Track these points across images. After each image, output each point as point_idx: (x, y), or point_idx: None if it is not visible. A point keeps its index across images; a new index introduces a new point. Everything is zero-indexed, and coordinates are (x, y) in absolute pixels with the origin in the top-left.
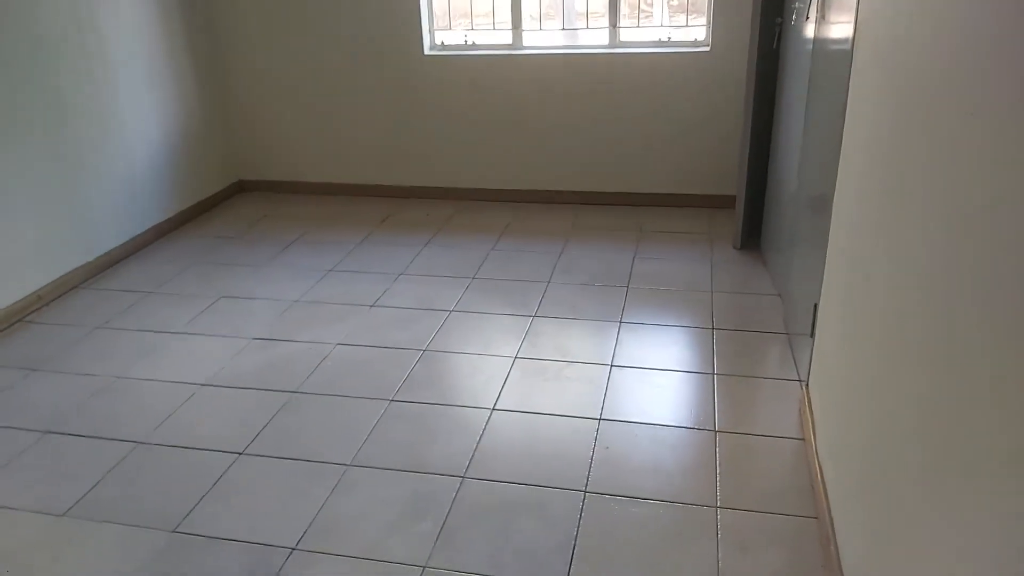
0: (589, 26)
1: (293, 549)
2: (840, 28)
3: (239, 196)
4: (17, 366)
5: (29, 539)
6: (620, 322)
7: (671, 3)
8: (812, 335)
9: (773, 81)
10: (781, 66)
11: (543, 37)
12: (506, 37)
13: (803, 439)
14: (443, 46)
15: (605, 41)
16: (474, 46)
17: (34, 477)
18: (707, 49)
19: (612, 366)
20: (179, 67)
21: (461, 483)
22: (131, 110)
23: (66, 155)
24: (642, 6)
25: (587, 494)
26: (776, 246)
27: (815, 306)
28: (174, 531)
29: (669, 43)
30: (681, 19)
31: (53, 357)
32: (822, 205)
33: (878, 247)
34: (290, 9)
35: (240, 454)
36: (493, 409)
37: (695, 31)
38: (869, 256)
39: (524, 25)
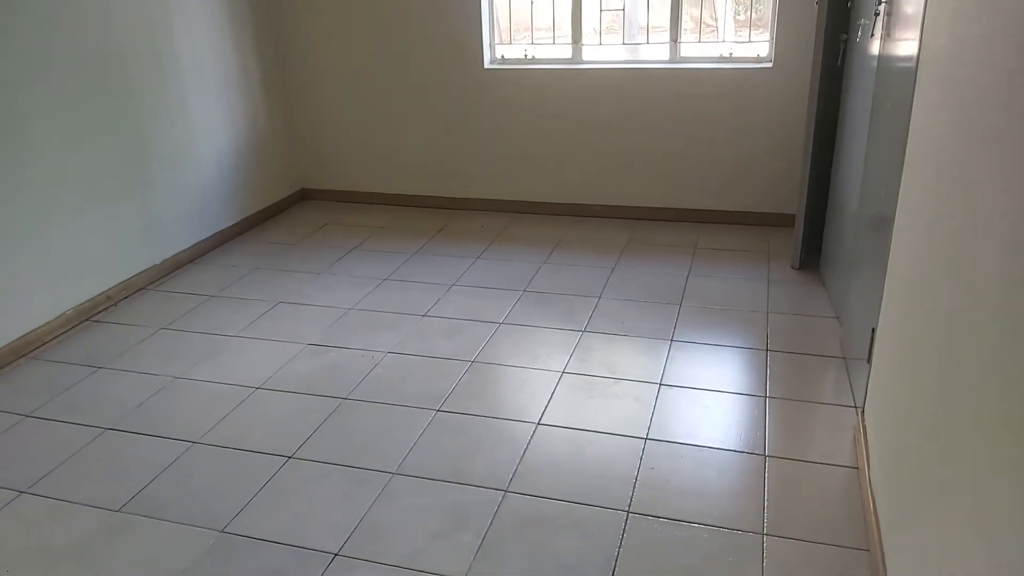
0: (651, 40)
1: (336, 555)
2: (905, 45)
3: (301, 204)
4: (84, 363)
5: (85, 533)
6: (671, 340)
7: (737, 17)
8: (869, 361)
9: (836, 99)
10: (845, 83)
11: (603, 52)
12: (566, 52)
13: (857, 468)
14: (503, 60)
15: (666, 56)
16: (534, 60)
17: (93, 472)
18: (769, 65)
19: (661, 385)
20: (248, 79)
21: (504, 496)
22: (202, 120)
23: (139, 162)
24: (706, 19)
25: (630, 514)
26: (835, 267)
27: (873, 331)
28: (223, 531)
29: (731, 59)
30: (744, 34)
31: (118, 356)
32: (883, 226)
33: (940, 271)
34: (354, 24)
35: (290, 457)
36: (538, 424)
37: (757, 47)
38: (930, 281)
39: (585, 39)
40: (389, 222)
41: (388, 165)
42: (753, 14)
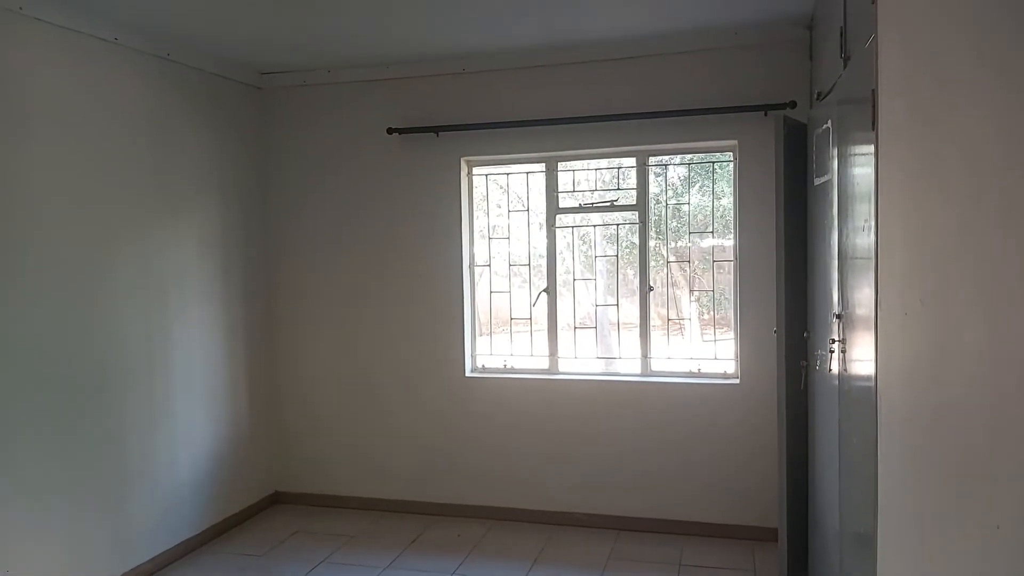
0: (622, 339)
1: None
2: (863, 370)
3: (274, 508)
4: None
5: None
6: None
7: (702, 317)
8: None
9: (804, 417)
10: (811, 403)
11: (579, 362)
12: (543, 363)
13: None
14: (483, 369)
15: (637, 370)
16: (513, 370)
17: None
18: (736, 382)
19: None
20: (235, 383)
21: None
22: (184, 424)
23: (114, 471)
24: (672, 317)
25: None
26: None
27: None
28: None
29: (700, 374)
30: (710, 333)
31: None
32: (866, 547)
33: None
34: (343, 328)
35: None
36: None
37: (724, 362)
38: None
39: (560, 341)
40: (362, 529)
41: (365, 468)
42: (715, 314)
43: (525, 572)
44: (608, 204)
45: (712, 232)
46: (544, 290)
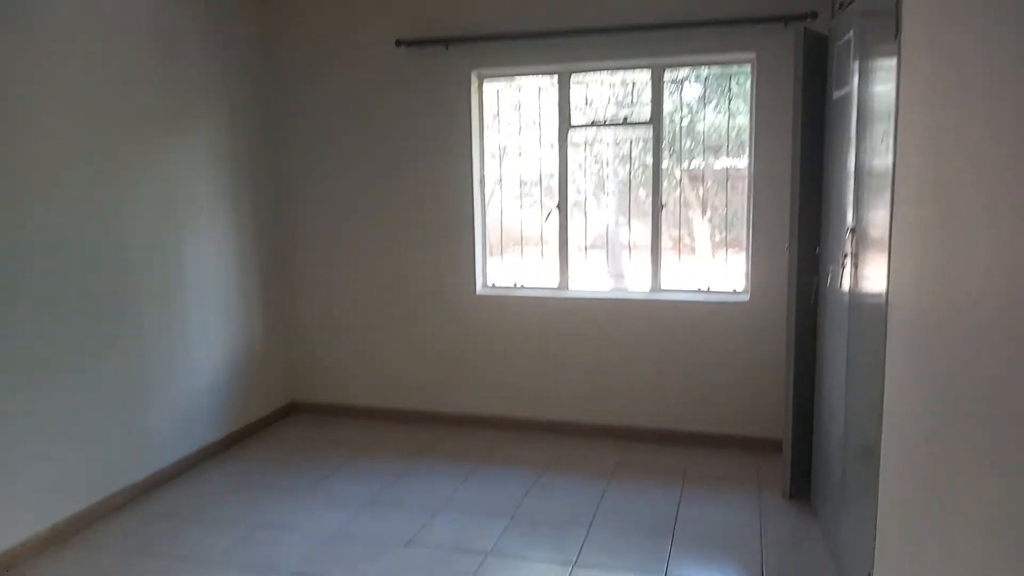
0: (633, 258)
1: None
2: (873, 287)
3: (290, 418)
4: None
5: None
6: (665, 575)
7: (714, 239)
8: None
9: (813, 332)
10: (820, 319)
11: (589, 280)
12: (553, 280)
13: None
14: (494, 287)
15: (647, 287)
16: (523, 288)
17: None
18: (746, 299)
19: None
20: (248, 297)
21: None
22: (200, 332)
23: (133, 377)
24: (684, 239)
25: None
26: (826, 499)
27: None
28: None
29: (709, 292)
30: (721, 254)
31: None
32: (869, 458)
33: (931, 514)
34: (357, 247)
35: None
36: None
37: (734, 280)
38: (922, 525)
39: (571, 258)
40: (376, 437)
41: (379, 379)
42: (727, 235)
43: (535, 478)
44: (622, 120)
45: (727, 152)
46: (556, 206)
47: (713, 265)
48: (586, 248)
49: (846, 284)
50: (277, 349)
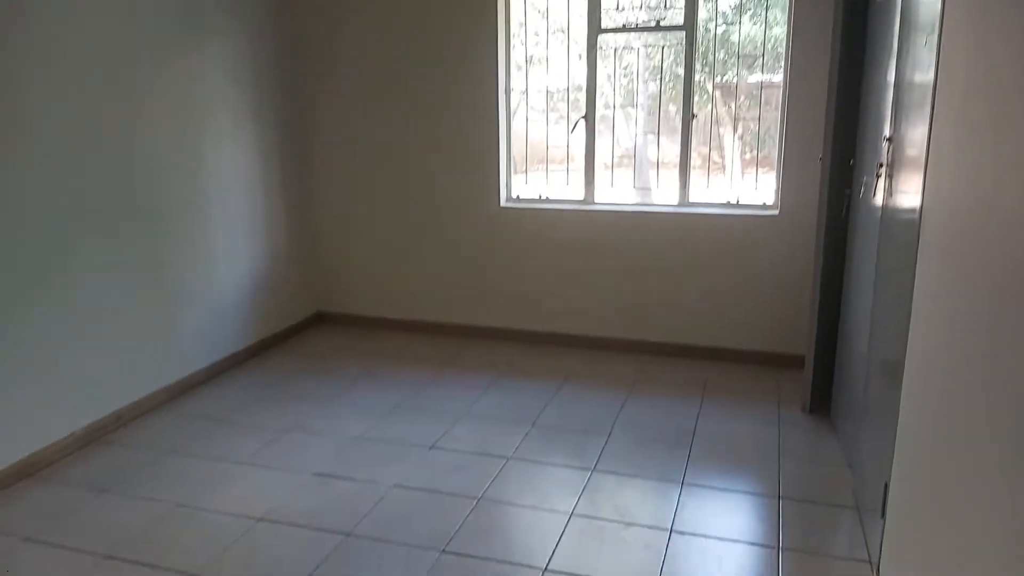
0: (660, 177)
1: None
2: (907, 200)
3: (317, 328)
4: (88, 486)
5: None
6: (682, 483)
7: (744, 157)
8: (883, 516)
9: (842, 246)
10: (850, 233)
11: (615, 194)
12: (579, 193)
13: None
14: (518, 199)
15: (675, 200)
16: (547, 200)
17: None
18: (776, 213)
19: (672, 532)
20: (272, 203)
21: None
22: (225, 245)
23: (161, 284)
24: (714, 158)
25: None
26: (846, 413)
27: (886, 485)
28: None
29: (738, 205)
30: (751, 173)
31: (123, 480)
32: (892, 374)
33: (953, 426)
34: (379, 158)
35: None
36: (545, 570)
37: (764, 194)
38: (943, 436)
39: (597, 175)
40: (401, 348)
41: (403, 291)
42: (759, 154)
43: (556, 388)
44: (654, 24)
45: (761, 67)
46: (583, 117)
47: (742, 184)
48: (612, 166)
49: (879, 197)
50: (302, 260)
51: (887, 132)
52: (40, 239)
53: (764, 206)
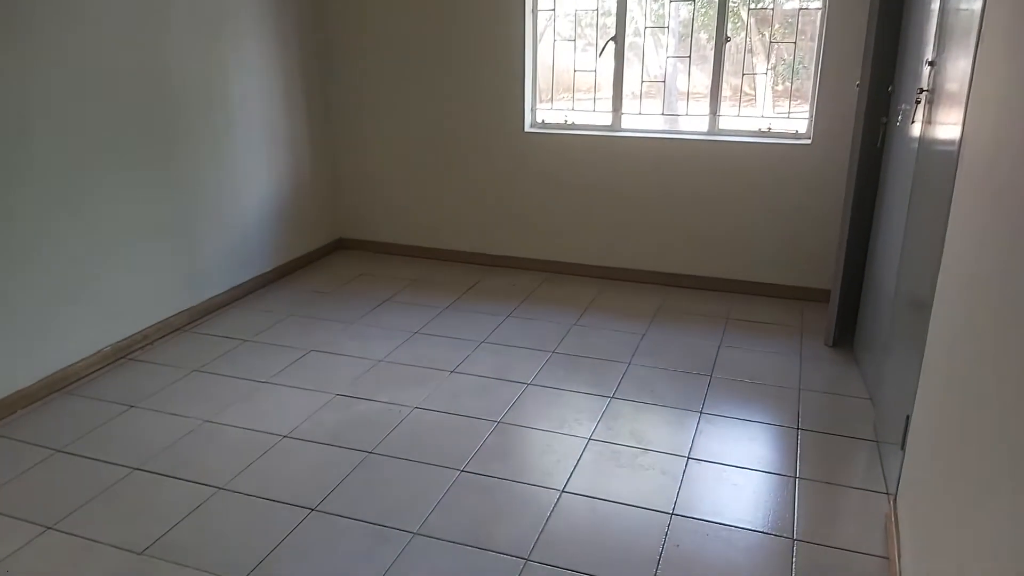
0: (689, 108)
1: None
2: (947, 131)
3: (338, 253)
4: (117, 401)
5: (106, 575)
6: (700, 412)
7: (775, 88)
8: (903, 448)
9: (875, 178)
10: (884, 164)
11: (642, 120)
12: (606, 119)
13: (887, 558)
14: (543, 124)
15: (705, 128)
16: (574, 126)
17: (119, 513)
18: (808, 142)
19: (689, 458)
20: (295, 128)
21: (524, 566)
22: (248, 167)
23: (185, 205)
24: (745, 89)
25: None
26: (870, 347)
27: (907, 417)
28: None
29: (769, 133)
30: (783, 105)
31: (150, 396)
32: (920, 309)
33: (980, 362)
34: (401, 81)
35: (312, 510)
36: (563, 491)
37: (796, 123)
38: (969, 371)
39: (625, 105)
40: (422, 275)
41: (426, 219)
42: (792, 85)
43: (577, 317)
44: None
45: None
46: (612, 39)
47: (773, 115)
48: (641, 95)
49: (917, 126)
50: (325, 184)
51: (930, 56)
52: (71, 163)
53: (796, 135)
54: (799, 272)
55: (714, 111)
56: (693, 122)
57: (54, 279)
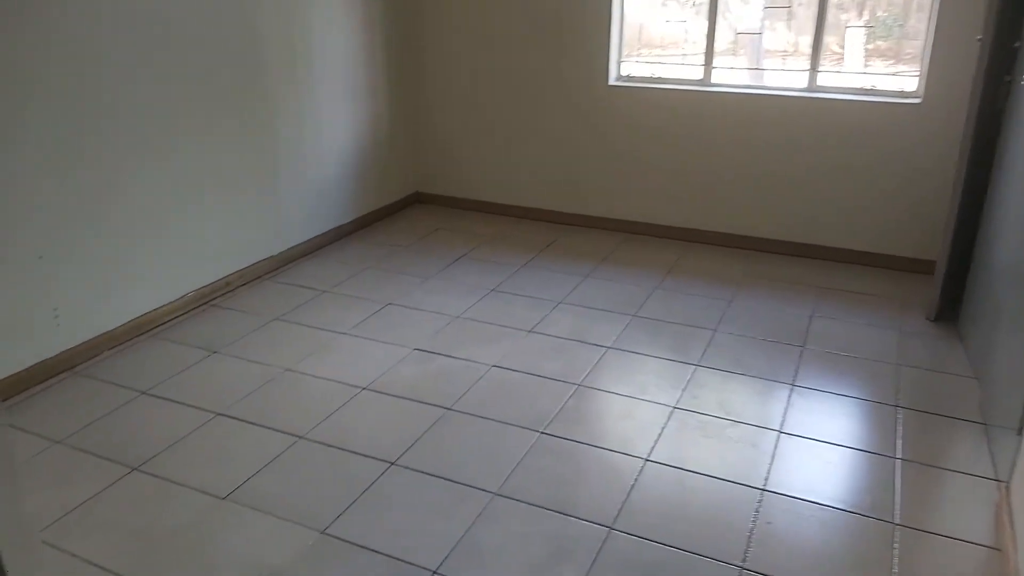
0: (784, 66)
1: (434, 572)
2: None
3: (416, 207)
4: (200, 346)
5: (190, 518)
6: (792, 385)
7: (867, 47)
8: (1020, 432)
9: (993, 141)
10: (1004, 127)
11: (734, 76)
12: (696, 73)
13: (1000, 549)
14: (629, 77)
15: (803, 84)
16: (661, 80)
17: (203, 457)
18: (918, 101)
19: (780, 432)
20: (375, 83)
21: (608, 534)
22: (328, 118)
23: (267, 154)
24: (833, 47)
25: (743, 571)
26: (978, 323)
27: None
28: (323, 532)
29: (873, 91)
30: (876, 64)
31: (232, 342)
32: None
33: None
34: (483, 34)
35: (392, 464)
36: (647, 460)
37: (902, 80)
38: None
39: (716, 61)
40: (500, 232)
41: (504, 175)
42: (885, 44)
43: (660, 280)
44: None
45: None
46: None
47: (878, 73)
48: (736, 50)
49: None
50: (404, 138)
51: None
52: (162, 112)
53: (903, 93)
54: (900, 241)
55: (814, 66)
56: (789, 78)
57: (141, 224)
